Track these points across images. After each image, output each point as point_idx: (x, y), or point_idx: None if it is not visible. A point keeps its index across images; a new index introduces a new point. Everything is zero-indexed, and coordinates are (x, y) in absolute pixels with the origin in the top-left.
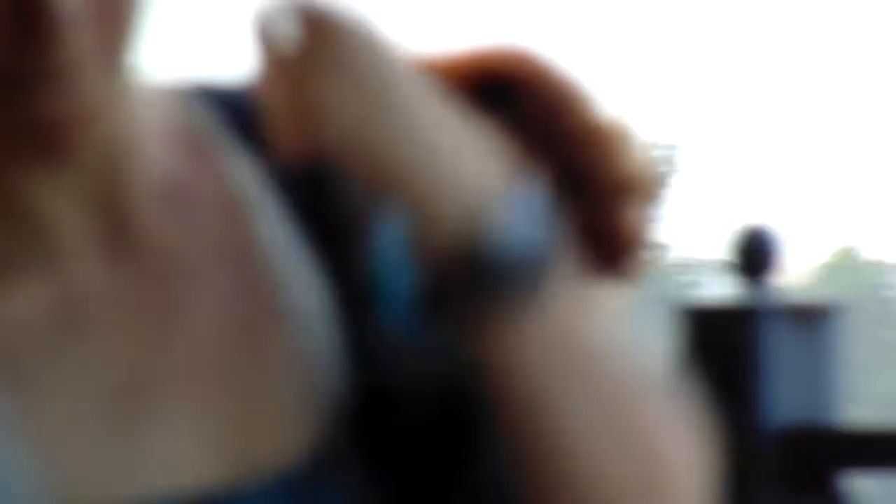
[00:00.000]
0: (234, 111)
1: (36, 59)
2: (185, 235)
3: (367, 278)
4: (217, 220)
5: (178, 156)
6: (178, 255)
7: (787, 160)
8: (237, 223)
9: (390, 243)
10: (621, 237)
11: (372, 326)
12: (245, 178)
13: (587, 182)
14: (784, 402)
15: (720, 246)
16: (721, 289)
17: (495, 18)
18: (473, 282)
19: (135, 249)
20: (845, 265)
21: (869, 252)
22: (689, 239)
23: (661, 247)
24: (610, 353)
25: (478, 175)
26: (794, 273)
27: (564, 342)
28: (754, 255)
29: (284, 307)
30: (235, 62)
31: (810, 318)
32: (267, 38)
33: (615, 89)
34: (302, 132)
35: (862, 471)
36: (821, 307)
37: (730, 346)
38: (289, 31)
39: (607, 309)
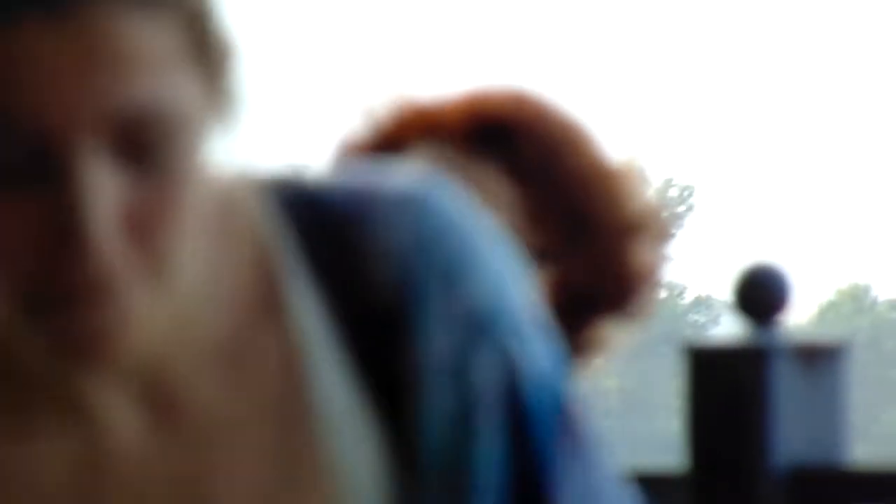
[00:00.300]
0: (316, 224)
1: (71, 275)
2: (232, 399)
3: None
4: (271, 378)
5: (240, 308)
6: (222, 420)
7: (796, 199)
8: (293, 379)
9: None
10: (630, 276)
11: (424, 487)
12: (309, 322)
13: (593, 222)
14: (792, 442)
15: (728, 285)
16: (730, 328)
17: (496, 59)
18: None
19: (175, 417)
20: (854, 303)
21: (878, 290)
22: (700, 278)
23: (672, 286)
24: None
25: None
26: (802, 311)
27: None
28: (761, 294)
29: (331, 465)
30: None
31: (817, 358)
32: None
33: (625, 129)
34: None
35: None
36: (828, 346)
37: (738, 385)
38: None
39: None
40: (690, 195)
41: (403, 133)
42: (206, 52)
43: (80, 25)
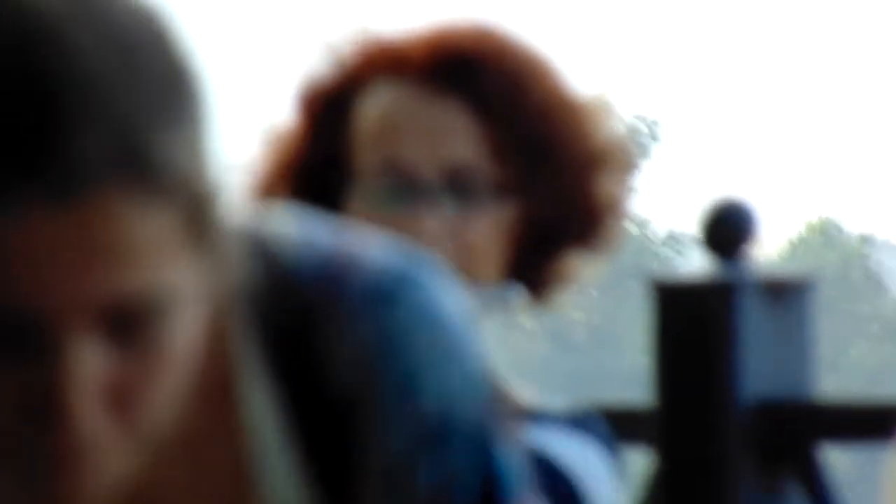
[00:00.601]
0: (281, 308)
1: (49, 443)
2: (186, 495)
3: None
4: (223, 474)
5: (197, 405)
6: None
7: (765, 133)
8: (244, 475)
9: None
10: (594, 208)
11: None
12: (263, 417)
13: (557, 154)
14: (759, 376)
15: (696, 220)
16: (698, 263)
17: None
18: None
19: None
20: (823, 237)
21: (847, 224)
22: (669, 213)
23: (641, 220)
24: None
25: None
26: (771, 246)
27: None
28: (728, 229)
29: None
30: None
31: (784, 292)
32: None
33: (595, 63)
34: None
35: (837, 443)
36: (795, 281)
37: (705, 320)
38: None
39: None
40: (658, 129)
41: (366, 69)
42: (204, 230)
43: (80, 214)
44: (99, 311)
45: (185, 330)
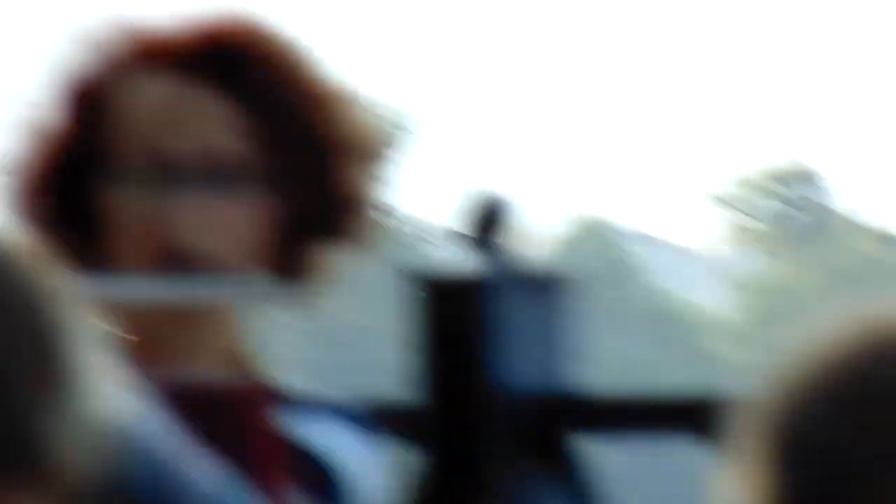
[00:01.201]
0: None
1: None
2: None
3: None
4: None
5: None
6: None
7: (530, 129)
8: None
9: None
10: (342, 197)
11: None
12: None
13: (309, 144)
14: (517, 370)
15: (457, 214)
16: (457, 258)
17: None
18: None
19: None
20: (590, 234)
21: (609, 219)
22: (429, 207)
23: (399, 215)
24: None
25: None
26: (534, 241)
27: None
28: (486, 223)
29: None
30: None
31: (543, 287)
32: None
33: (351, 56)
34: None
35: (592, 436)
36: (554, 276)
37: (464, 315)
38: None
39: None
40: (418, 124)
41: (129, 61)
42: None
43: None
44: None
45: None
